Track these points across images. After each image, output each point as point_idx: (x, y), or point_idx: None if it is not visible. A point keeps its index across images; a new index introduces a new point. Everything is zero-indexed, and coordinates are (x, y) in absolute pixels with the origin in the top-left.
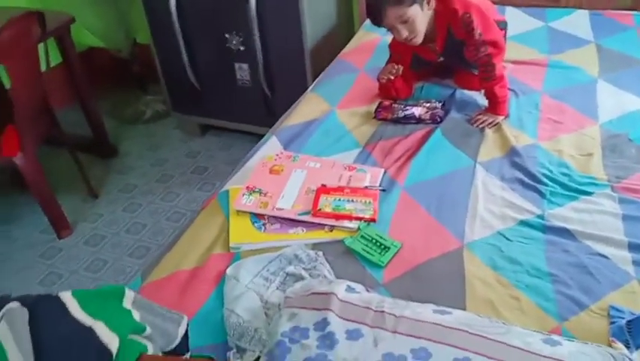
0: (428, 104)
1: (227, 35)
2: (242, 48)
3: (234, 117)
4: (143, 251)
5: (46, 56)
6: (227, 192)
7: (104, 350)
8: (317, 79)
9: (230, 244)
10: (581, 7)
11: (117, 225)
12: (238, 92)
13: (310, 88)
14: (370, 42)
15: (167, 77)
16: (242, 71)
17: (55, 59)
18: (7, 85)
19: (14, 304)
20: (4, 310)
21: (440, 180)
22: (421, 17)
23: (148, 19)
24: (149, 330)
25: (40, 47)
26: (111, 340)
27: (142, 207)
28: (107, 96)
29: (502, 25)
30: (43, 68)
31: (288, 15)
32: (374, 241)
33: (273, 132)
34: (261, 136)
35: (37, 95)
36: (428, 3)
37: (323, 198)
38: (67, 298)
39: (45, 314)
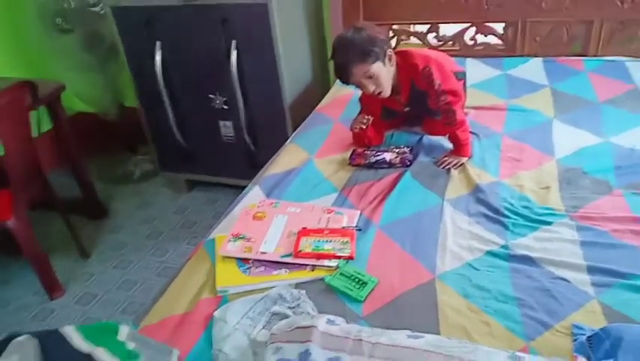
0: (398, 150)
1: (211, 96)
2: (225, 107)
3: (220, 172)
4: (136, 307)
5: (37, 123)
6: (213, 240)
7: None
8: (296, 131)
9: (217, 288)
10: (535, 55)
11: (109, 283)
12: (223, 148)
13: (289, 139)
14: (343, 96)
15: (155, 138)
16: (226, 128)
17: (46, 124)
18: (0, 152)
19: (23, 338)
20: (13, 343)
21: (412, 218)
22: (384, 73)
23: (135, 83)
24: (142, 358)
25: (32, 114)
26: None
27: (133, 263)
28: (97, 158)
29: (461, 76)
30: (34, 133)
31: (267, 75)
32: (353, 277)
33: (256, 182)
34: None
35: (29, 160)
36: (390, 59)
37: (304, 239)
38: (70, 330)
39: (50, 346)
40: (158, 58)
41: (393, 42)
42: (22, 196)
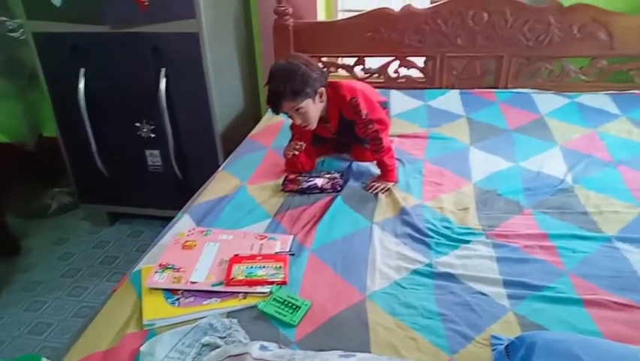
0: (329, 175)
1: (137, 124)
2: (152, 135)
3: (146, 203)
4: (49, 352)
5: None
6: (139, 271)
7: None
8: (228, 158)
9: (144, 321)
10: (453, 87)
11: (19, 326)
12: (149, 178)
13: (221, 167)
14: (276, 124)
15: (75, 168)
16: (153, 157)
17: None
18: None
19: None
20: None
21: (343, 241)
22: (312, 109)
23: (55, 111)
24: None
25: None
26: None
27: (47, 304)
28: (11, 192)
29: (385, 105)
30: None
31: (197, 103)
32: (286, 302)
33: (185, 210)
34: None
35: None
36: (320, 96)
37: (236, 267)
38: None
39: None
40: (81, 85)
41: None
42: None
